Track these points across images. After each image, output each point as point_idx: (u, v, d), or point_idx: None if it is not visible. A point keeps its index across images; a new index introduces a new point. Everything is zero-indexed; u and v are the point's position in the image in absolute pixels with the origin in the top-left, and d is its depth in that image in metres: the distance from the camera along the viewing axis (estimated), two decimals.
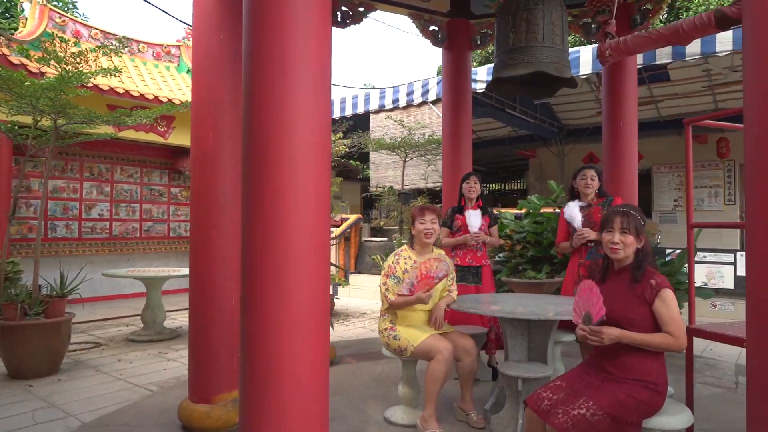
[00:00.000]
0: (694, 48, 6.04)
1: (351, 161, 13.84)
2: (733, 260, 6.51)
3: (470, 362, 3.05)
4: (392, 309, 3.11)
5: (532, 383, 2.88)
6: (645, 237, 2.24)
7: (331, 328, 4.95)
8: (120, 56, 7.51)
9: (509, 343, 3.19)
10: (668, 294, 2.09)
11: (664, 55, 6.26)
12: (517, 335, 3.18)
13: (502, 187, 18.33)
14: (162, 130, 8.57)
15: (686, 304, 2.96)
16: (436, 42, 5.27)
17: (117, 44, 5.66)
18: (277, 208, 1.69)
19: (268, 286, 1.68)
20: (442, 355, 2.87)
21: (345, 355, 4.96)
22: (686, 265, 5.25)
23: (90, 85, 7.21)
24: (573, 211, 3.72)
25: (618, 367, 2.11)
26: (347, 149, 7.31)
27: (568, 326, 3.71)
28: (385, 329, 3.15)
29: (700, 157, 10.82)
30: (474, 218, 4.15)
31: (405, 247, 3.31)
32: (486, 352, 4.12)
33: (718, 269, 6.57)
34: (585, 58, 6.82)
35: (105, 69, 4.98)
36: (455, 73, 5.26)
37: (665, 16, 12.50)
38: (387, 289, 3.09)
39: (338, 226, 10.15)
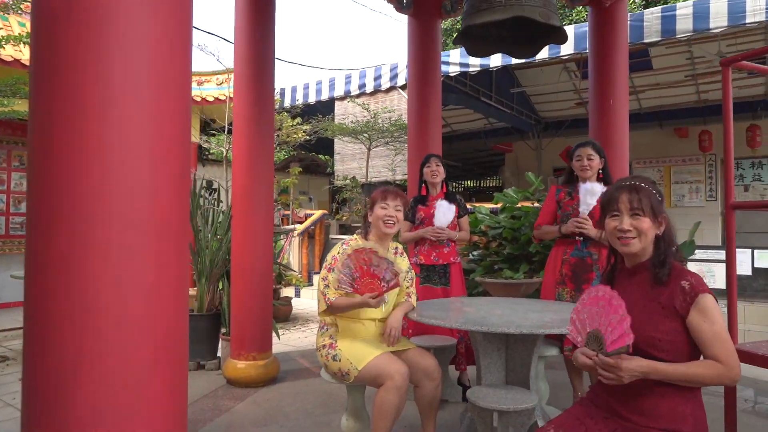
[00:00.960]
0: (685, 25, 5.49)
1: (320, 155, 13.10)
2: (725, 258, 5.99)
3: (432, 388, 2.37)
4: (331, 313, 2.44)
5: (511, 417, 2.22)
6: (666, 218, 1.59)
7: (276, 337, 4.25)
8: (5, 15, 6.70)
9: (482, 362, 2.53)
10: (708, 301, 1.44)
11: (652, 33, 5.70)
12: (491, 352, 2.52)
13: (478, 184, 17.82)
14: None
15: None
16: (400, 7, 4.59)
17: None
18: (76, 152, 0.97)
19: (60, 289, 0.96)
20: (393, 382, 2.18)
21: (293, 369, 4.24)
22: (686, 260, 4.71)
23: (10, 59, 6.36)
24: (594, 190, 2.98)
25: (637, 410, 1.45)
26: (307, 136, 6.58)
27: (552, 336, 3.09)
28: (324, 346, 2.45)
29: (680, 151, 10.42)
30: (443, 212, 3.46)
31: (356, 236, 2.65)
32: (456, 367, 3.46)
33: (709, 267, 6.05)
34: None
35: (15, 36, 4.21)
36: (422, 44, 4.59)
37: None
38: (327, 286, 2.40)
39: (302, 222, 9.42)
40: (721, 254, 6.07)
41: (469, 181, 17.87)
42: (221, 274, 4.19)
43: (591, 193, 2.96)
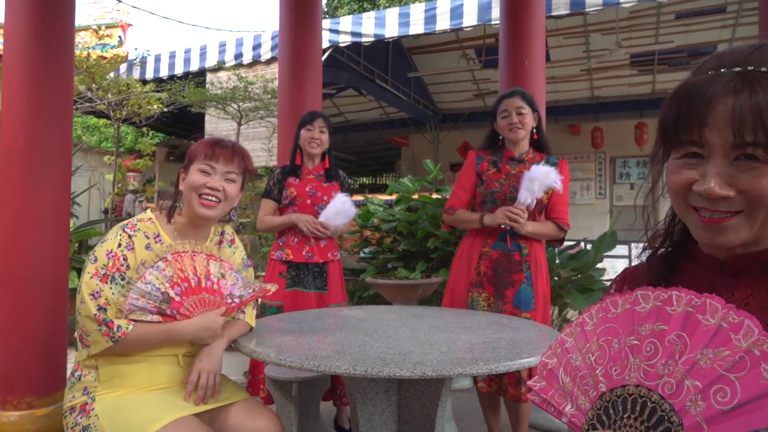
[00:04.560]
0: None
1: (192, 141, 11.57)
2: (627, 253, 5.69)
3: None
4: (125, 353, 1.34)
5: None
6: None
7: None
8: None
9: (360, 413, 1.58)
10: None
11: (561, 5, 5.20)
12: (375, 396, 1.58)
13: (374, 181, 17.12)
14: None
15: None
16: None
17: None
18: None
19: None
20: None
21: None
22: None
23: None
24: (546, 176, 2.09)
25: None
26: (164, 107, 5.29)
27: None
28: (71, 410, 1.35)
29: (572, 148, 10.40)
30: (335, 210, 2.49)
31: (150, 215, 1.51)
32: (333, 402, 2.50)
33: (612, 264, 5.70)
34: (470, 7, 5.56)
35: None
36: None
37: None
38: (104, 308, 1.29)
39: None
40: (619, 249, 5.75)
41: (364, 178, 17.12)
42: None
43: (540, 180, 2.10)
